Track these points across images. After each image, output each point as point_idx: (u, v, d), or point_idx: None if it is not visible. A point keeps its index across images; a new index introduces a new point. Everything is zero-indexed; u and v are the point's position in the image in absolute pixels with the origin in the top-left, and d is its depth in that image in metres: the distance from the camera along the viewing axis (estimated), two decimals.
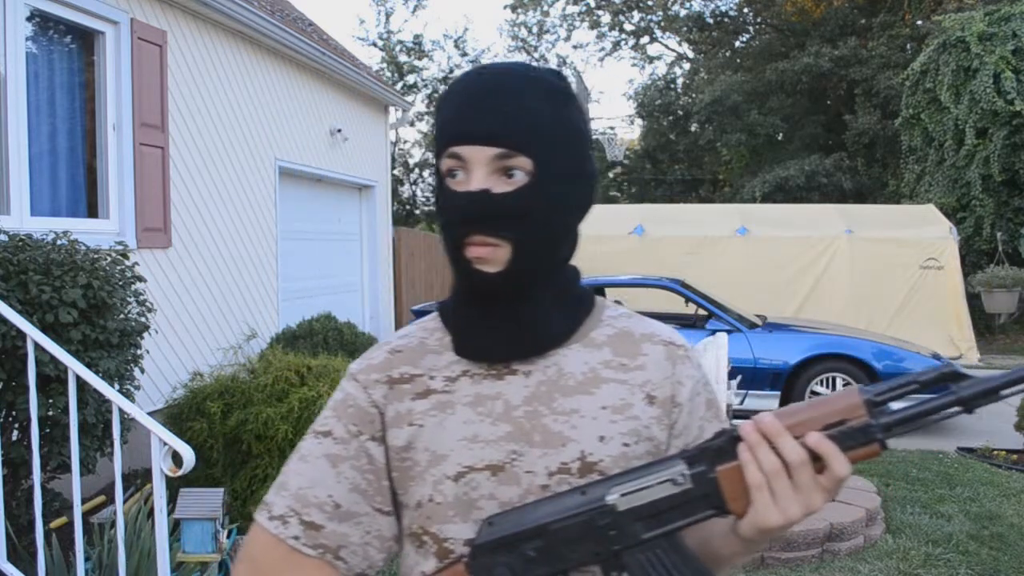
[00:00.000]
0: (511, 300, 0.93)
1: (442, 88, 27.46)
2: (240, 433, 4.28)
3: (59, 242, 3.37)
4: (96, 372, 2.95)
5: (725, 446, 0.81)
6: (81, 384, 2.79)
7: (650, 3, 25.03)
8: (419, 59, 27.48)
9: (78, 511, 2.76)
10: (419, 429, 0.94)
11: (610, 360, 0.97)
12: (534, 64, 0.97)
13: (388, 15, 32.33)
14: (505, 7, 30.42)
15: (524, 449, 0.91)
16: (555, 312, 0.96)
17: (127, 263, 3.60)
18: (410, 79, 27.11)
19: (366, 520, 0.95)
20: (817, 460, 0.77)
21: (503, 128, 0.89)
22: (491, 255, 0.90)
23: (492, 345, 0.95)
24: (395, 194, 20.86)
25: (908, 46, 19.56)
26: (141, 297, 3.66)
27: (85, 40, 5.06)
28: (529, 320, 0.94)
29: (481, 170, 0.89)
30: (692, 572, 0.82)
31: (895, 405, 0.80)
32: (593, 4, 26.14)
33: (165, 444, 2.54)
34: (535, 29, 28.58)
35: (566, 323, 0.97)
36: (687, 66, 26.88)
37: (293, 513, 0.93)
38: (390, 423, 0.96)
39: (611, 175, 26.22)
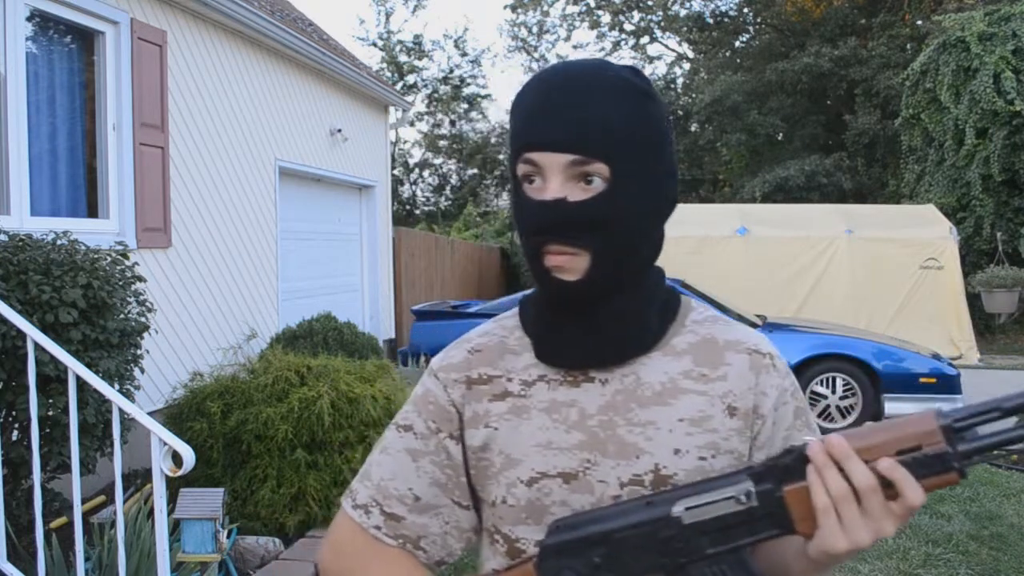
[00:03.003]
0: (591, 307, 0.92)
1: (443, 88, 27.56)
2: (240, 433, 4.27)
3: (59, 242, 3.37)
4: (96, 372, 2.95)
5: (793, 464, 0.79)
6: (81, 384, 2.79)
7: (650, 3, 25.02)
8: (419, 59, 27.50)
9: (78, 511, 2.76)
10: (495, 431, 0.95)
11: (691, 370, 0.94)
12: (610, 61, 0.95)
13: (388, 15, 32.32)
14: (505, 7, 30.43)
15: (597, 459, 0.91)
16: (638, 318, 0.94)
17: (127, 263, 3.60)
18: (410, 79, 27.13)
19: (445, 512, 0.96)
20: (889, 486, 0.74)
21: (578, 134, 0.86)
22: (569, 264, 0.88)
23: (571, 352, 0.93)
24: (395, 194, 20.87)
25: (908, 46, 19.56)
26: (141, 297, 3.66)
27: (85, 40, 5.06)
28: (610, 328, 0.92)
29: (557, 177, 0.87)
30: None
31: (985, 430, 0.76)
32: (593, 4, 26.13)
33: (165, 444, 2.54)
34: (535, 29, 28.60)
35: (649, 330, 0.95)
36: (687, 66, 26.89)
37: (375, 503, 0.95)
38: (468, 423, 0.96)
39: None
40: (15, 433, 3.16)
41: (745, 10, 24.35)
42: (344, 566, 0.97)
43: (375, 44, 27.27)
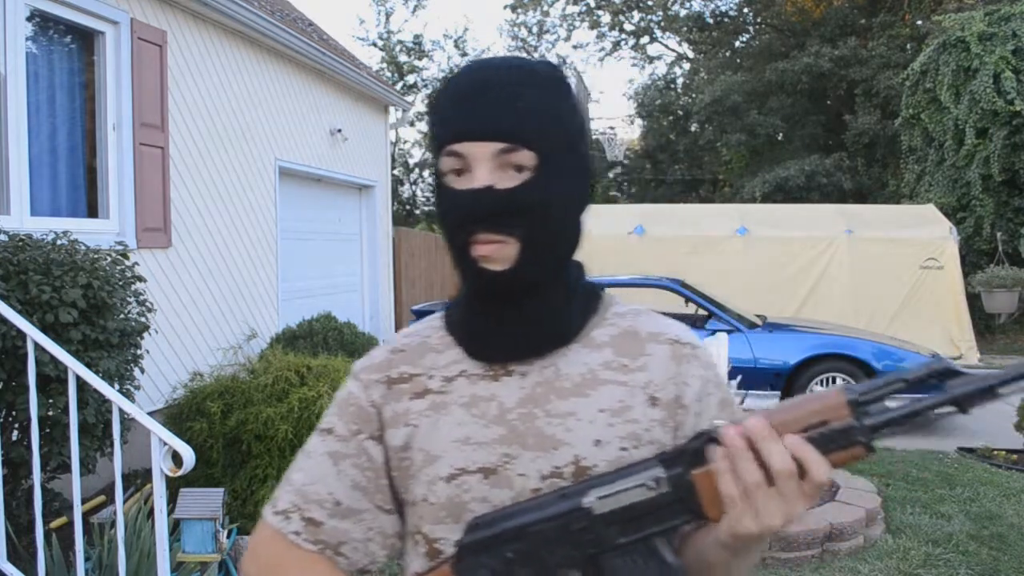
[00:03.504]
0: (515, 300, 0.91)
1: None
2: (240, 433, 4.27)
3: (59, 242, 3.37)
4: (96, 372, 2.94)
5: (702, 447, 0.78)
6: (81, 384, 2.79)
7: (650, 3, 25.02)
8: (419, 59, 27.49)
9: (78, 511, 2.76)
10: (415, 429, 0.94)
11: (611, 361, 0.94)
12: (528, 57, 0.95)
13: (388, 15, 32.30)
14: (505, 7, 30.43)
15: (517, 452, 0.90)
16: (560, 312, 0.94)
17: (127, 263, 3.60)
18: (410, 79, 27.12)
19: (368, 517, 0.95)
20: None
21: (504, 122, 0.87)
22: (498, 253, 0.88)
23: (500, 345, 0.94)
24: (395, 194, 20.86)
25: (908, 46, 19.56)
26: (141, 297, 3.66)
27: (85, 40, 5.06)
28: (531, 321, 0.92)
29: (484, 167, 0.87)
30: None
31: (893, 404, 0.76)
32: (593, 4, 26.13)
33: (165, 444, 2.54)
34: (535, 29, 28.60)
35: (570, 322, 0.95)
36: (687, 66, 26.89)
37: (295, 508, 0.94)
38: (388, 423, 0.95)
39: (611, 175, 26.22)
40: (15, 433, 3.16)
41: (745, 10, 24.35)
42: (263, 573, 0.95)
43: (375, 44, 27.28)
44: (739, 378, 4.82)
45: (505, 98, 0.88)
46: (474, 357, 0.95)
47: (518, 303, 0.92)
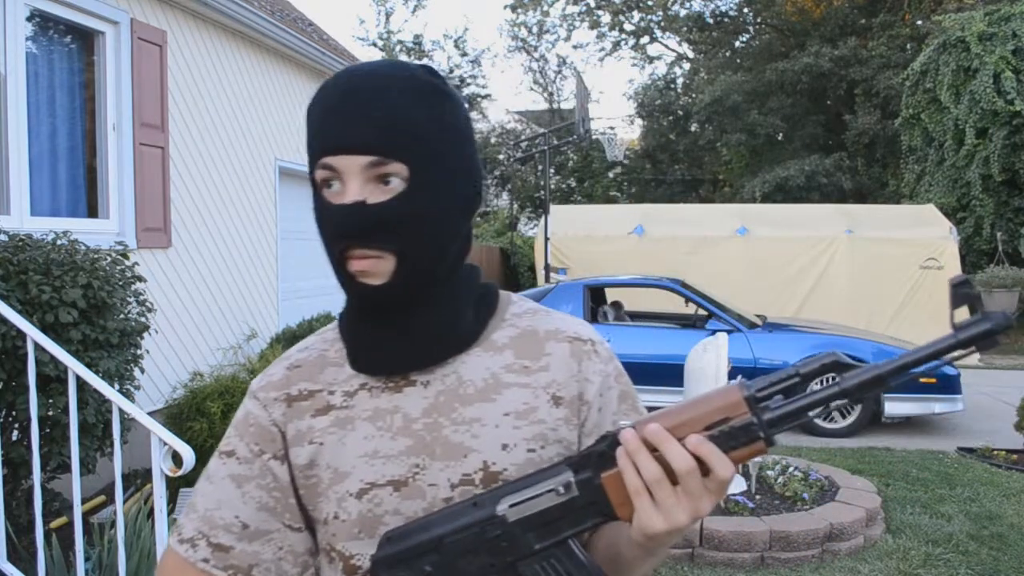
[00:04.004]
0: (402, 310, 0.90)
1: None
2: None
3: (59, 242, 3.37)
4: (96, 372, 2.95)
5: (608, 451, 0.78)
6: (81, 384, 2.79)
7: (650, 3, 25.02)
8: (419, 59, 27.48)
9: (78, 511, 2.76)
10: (320, 447, 0.92)
11: (512, 363, 0.93)
12: (405, 61, 0.92)
13: (388, 15, 32.35)
14: (505, 7, 30.45)
15: (426, 462, 0.89)
16: (453, 317, 0.92)
17: (127, 263, 3.60)
18: None
19: (277, 537, 0.93)
20: (699, 463, 0.74)
21: (373, 135, 0.84)
22: (374, 268, 0.86)
23: (385, 357, 0.92)
24: None
25: (908, 46, 19.57)
26: (141, 297, 3.66)
27: (85, 40, 5.06)
28: (423, 329, 0.91)
29: (355, 180, 0.85)
30: None
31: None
32: (593, 4, 26.14)
33: (165, 444, 2.54)
34: (535, 29, 28.62)
35: (466, 327, 0.93)
36: (687, 66, 26.89)
37: (202, 535, 0.91)
38: (291, 442, 0.93)
39: (611, 175, 26.23)
40: (15, 433, 3.16)
41: (745, 10, 24.35)
42: None
43: (375, 44, 27.31)
44: (739, 378, 4.81)
45: (374, 108, 0.85)
46: (363, 371, 0.93)
47: (402, 314, 0.90)
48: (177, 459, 2.54)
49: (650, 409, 0.84)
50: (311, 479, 0.92)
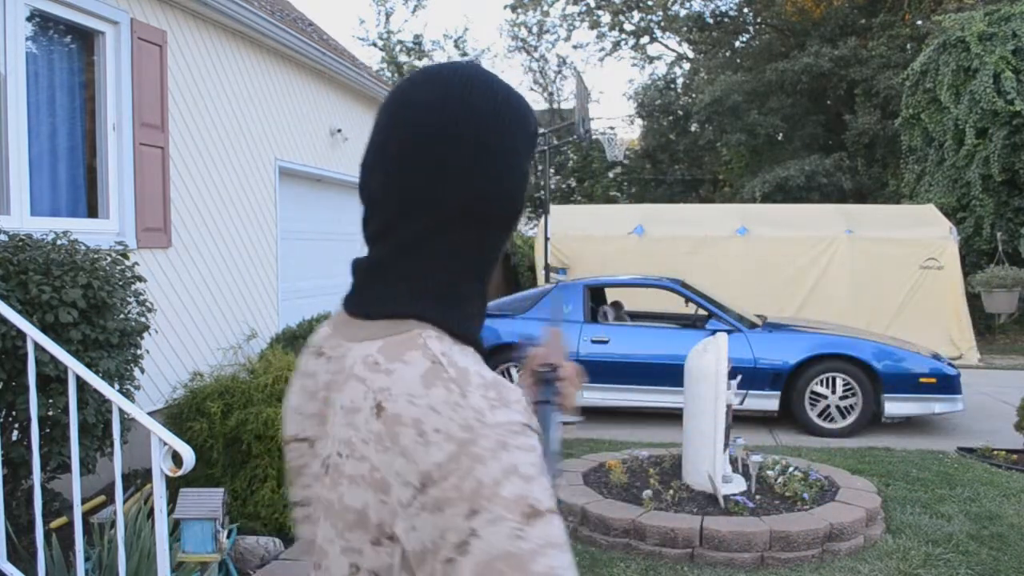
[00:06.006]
0: None
1: None
2: (240, 433, 4.27)
3: (59, 242, 3.37)
4: (96, 372, 2.95)
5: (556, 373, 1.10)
6: (81, 384, 2.79)
7: (650, 3, 25.01)
8: (419, 59, 27.49)
9: (78, 511, 2.76)
10: None
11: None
12: None
13: (388, 15, 32.35)
14: (505, 7, 30.42)
15: None
16: None
17: (127, 263, 3.60)
18: None
19: None
20: None
21: None
22: None
23: None
24: None
25: (908, 46, 19.56)
26: (141, 297, 3.66)
27: (85, 40, 5.06)
28: None
29: None
30: None
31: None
32: (593, 4, 26.12)
33: (165, 444, 2.54)
34: (535, 29, 28.61)
35: None
36: (687, 66, 26.88)
37: None
38: None
39: (611, 175, 26.22)
40: (15, 433, 3.16)
41: (745, 10, 24.34)
42: None
43: (375, 44, 27.31)
44: (739, 378, 4.81)
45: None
46: None
47: None
48: (177, 459, 2.54)
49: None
50: None
